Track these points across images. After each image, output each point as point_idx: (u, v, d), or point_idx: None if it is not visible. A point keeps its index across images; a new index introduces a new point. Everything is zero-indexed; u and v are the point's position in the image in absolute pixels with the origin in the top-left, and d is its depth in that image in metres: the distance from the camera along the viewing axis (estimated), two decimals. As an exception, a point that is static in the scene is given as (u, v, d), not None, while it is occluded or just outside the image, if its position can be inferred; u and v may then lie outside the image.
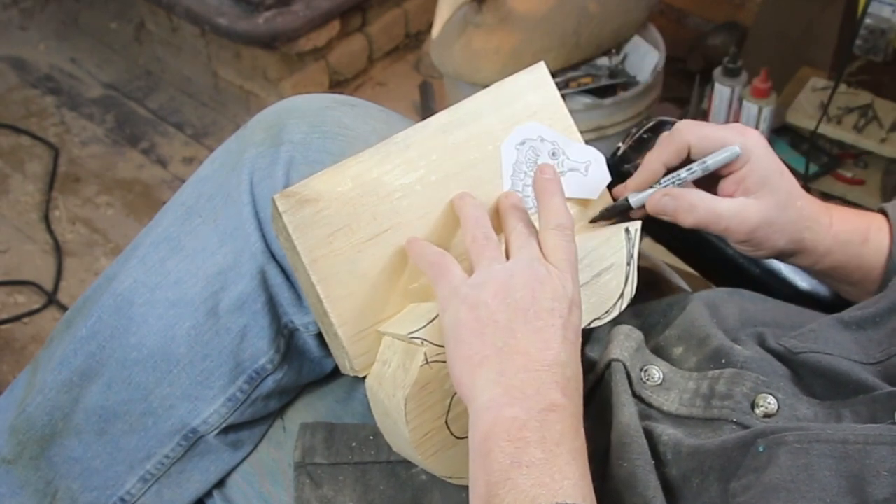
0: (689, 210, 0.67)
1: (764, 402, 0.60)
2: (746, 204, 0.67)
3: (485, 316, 0.56)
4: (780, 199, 0.68)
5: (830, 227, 0.71)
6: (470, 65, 1.64)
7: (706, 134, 0.68)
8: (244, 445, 0.78)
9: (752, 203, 0.67)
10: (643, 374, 0.64)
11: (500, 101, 0.70)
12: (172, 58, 2.07)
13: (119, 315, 0.72)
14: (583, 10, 1.61)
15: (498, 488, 0.51)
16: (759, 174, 0.67)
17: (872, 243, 0.72)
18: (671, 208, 0.68)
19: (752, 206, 0.67)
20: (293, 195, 0.63)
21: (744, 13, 1.97)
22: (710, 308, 0.69)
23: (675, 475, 0.58)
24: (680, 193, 0.68)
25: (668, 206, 0.68)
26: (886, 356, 0.61)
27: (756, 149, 0.67)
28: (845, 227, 0.71)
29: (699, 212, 0.67)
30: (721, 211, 0.67)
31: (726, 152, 0.67)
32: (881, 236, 0.72)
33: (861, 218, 0.73)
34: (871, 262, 0.72)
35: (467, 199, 0.66)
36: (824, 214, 0.71)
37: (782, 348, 0.64)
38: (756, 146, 0.68)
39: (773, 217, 0.68)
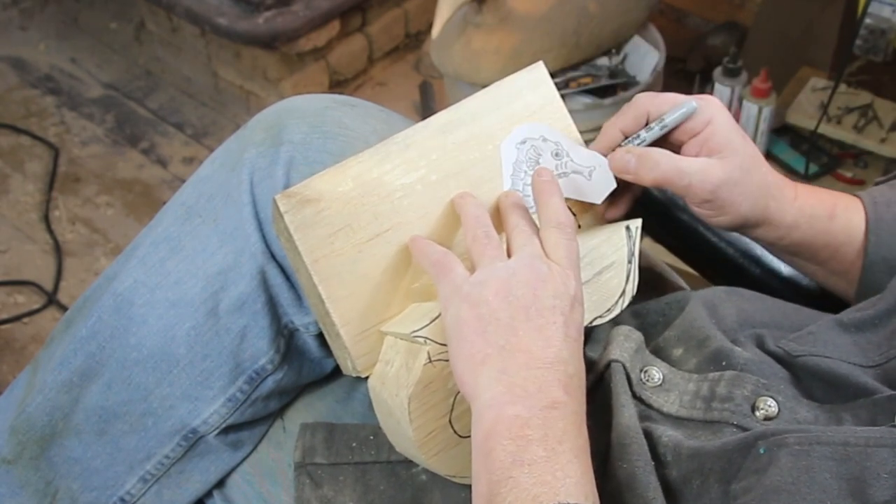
0: (652, 167, 0.67)
1: (764, 405, 0.60)
2: (709, 162, 0.67)
3: (486, 314, 0.57)
4: (744, 161, 0.67)
5: (796, 199, 0.70)
6: (470, 65, 1.64)
7: (664, 100, 0.68)
8: (244, 446, 0.78)
9: (716, 162, 0.67)
10: (643, 375, 0.64)
11: (499, 101, 0.70)
12: (172, 58, 2.07)
13: (119, 315, 0.72)
14: (583, 10, 1.61)
15: (500, 487, 0.51)
16: (722, 135, 0.67)
17: (840, 220, 0.71)
18: (633, 166, 0.67)
19: (716, 164, 0.67)
20: (294, 195, 0.63)
21: (744, 13, 1.97)
22: (708, 308, 0.69)
23: (676, 476, 0.58)
24: (642, 151, 0.68)
25: (630, 163, 0.67)
26: (885, 359, 0.61)
27: (717, 111, 0.68)
28: (810, 200, 0.71)
29: (662, 168, 0.66)
30: (684, 167, 0.67)
31: (683, 108, 0.68)
32: (849, 214, 0.71)
33: (827, 194, 0.72)
34: (839, 239, 0.71)
35: (468, 198, 0.66)
36: (789, 187, 0.71)
37: (781, 351, 0.64)
38: (717, 109, 0.68)
39: (737, 177, 0.67)
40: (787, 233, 0.71)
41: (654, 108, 0.68)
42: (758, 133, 1.63)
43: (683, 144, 0.69)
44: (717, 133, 0.67)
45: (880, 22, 1.57)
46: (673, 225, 0.88)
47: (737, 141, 0.67)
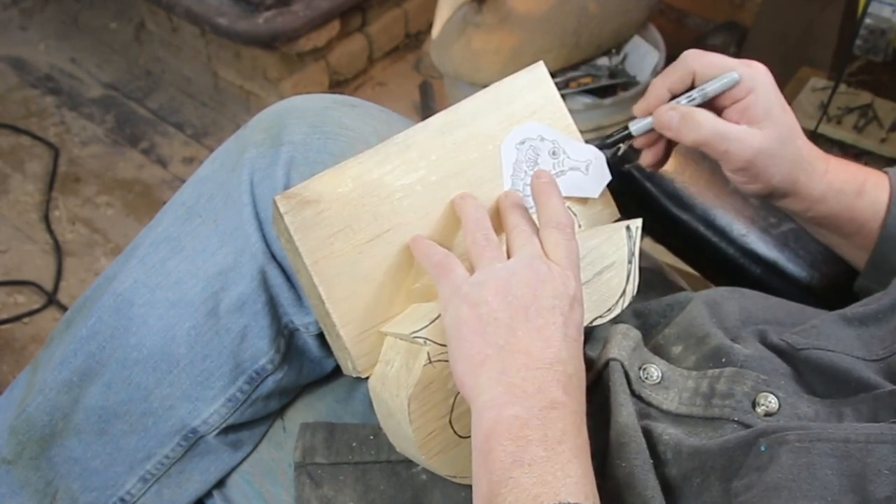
0: (694, 127, 0.68)
1: (765, 401, 0.60)
2: (749, 131, 0.68)
3: (486, 314, 0.57)
4: (783, 132, 0.68)
5: (826, 174, 0.71)
6: (470, 65, 1.64)
7: (711, 62, 0.69)
8: (244, 445, 0.78)
9: (755, 131, 0.68)
10: (642, 372, 0.64)
11: (499, 101, 0.70)
12: (172, 58, 2.07)
13: (119, 315, 0.72)
14: (583, 10, 1.61)
15: (500, 487, 0.51)
16: (762, 105, 0.68)
17: (868, 196, 0.72)
18: (676, 123, 0.68)
19: (756, 134, 0.68)
20: (294, 196, 0.63)
21: (744, 13, 1.97)
22: (710, 307, 0.69)
23: (676, 475, 0.58)
24: (686, 110, 0.68)
25: (674, 120, 0.69)
26: (889, 353, 0.61)
27: (761, 81, 0.68)
28: (840, 176, 0.71)
29: (703, 130, 0.68)
30: (725, 132, 0.68)
31: (725, 78, 0.68)
32: (878, 192, 0.72)
33: (859, 170, 0.73)
34: (865, 215, 0.72)
35: (468, 199, 0.66)
36: (821, 161, 0.71)
37: (784, 344, 0.64)
38: (761, 78, 0.68)
39: (774, 149, 0.68)
40: (813, 205, 0.72)
41: (701, 69, 0.69)
42: (758, 133, 1.62)
43: (725, 109, 0.69)
44: (758, 102, 0.68)
45: (880, 22, 1.57)
46: (673, 225, 0.88)
47: (777, 112, 0.68)
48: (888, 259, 0.72)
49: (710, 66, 0.69)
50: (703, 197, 0.87)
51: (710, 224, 0.87)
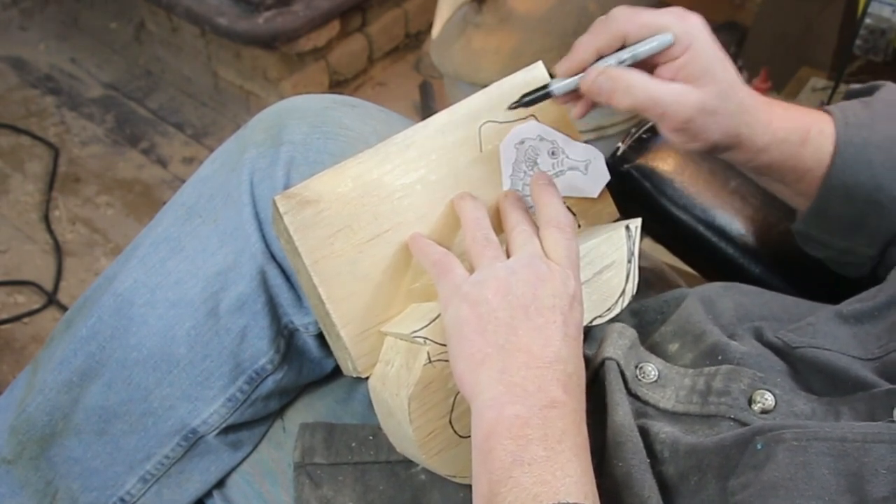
0: (626, 91, 0.64)
1: (761, 399, 0.60)
2: (686, 90, 0.64)
3: (486, 313, 0.57)
4: (721, 88, 0.65)
5: (769, 124, 0.68)
6: (470, 65, 1.64)
7: (643, 22, 0.64)
8: (244, 446, 0.78)
9: (692, 90, 0.64)
10: (638, 371, 0.64)
11: (499, 101, 0.70)
12: (172, 58, 2.07)
13: (119, 315, 0.72)
14: (583, 10, 1.61)
15: (500, 486, 0.51)
16: (699, 62, 0.64)
17: (812, 145, 0.69)
18: (607, 89, 0.64)
19: (692, 93, 0.64)
20: (294, 196, 0.63)
21: (744, 13, 1.97)
22: (705, 304, 0.69)
23: (673, 473, 0.58)
24: (617, 74, 0.64)
25: (604, 86, 0.64)
26: (885, 352, 0.61)
27: (699, 35, 0.64)
28: (784, 125, 0.69)
29: (636, 94, 0.64)
30: (659, 95, 0.64)
31: (657, 40, 0.64)
32: (821, 140, 0.69)
33: (804, 117, 0.70)
34: (808, 164, 0.69)
35: (467, 199, 0.66)
36: (764, 111, 0.68)
37: (780, 342, 0.64)
38: (698, 32, 0.64)
39: (713, 106, 0.65)
40: (755, 156, 0.69)
41: (633, 31, 0.64)
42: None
43: (660, 66, 0.66)
44: (695, 60, 0.64)
45: (880, 22, 1.56)
46: (673, 225, 0.88)
47: (716, 67, 0.65)
48: (829, 209, 0.70)
49: (642, 27, 0.64)
50: (703, 197, 0.87)
51: (710, 224, 0.87)
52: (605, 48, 0.65)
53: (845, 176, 0.69)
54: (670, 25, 0.64)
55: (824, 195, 0.70)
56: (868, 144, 0.69)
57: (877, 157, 0.69)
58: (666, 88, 0.64)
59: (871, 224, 0.70)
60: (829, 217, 0.71)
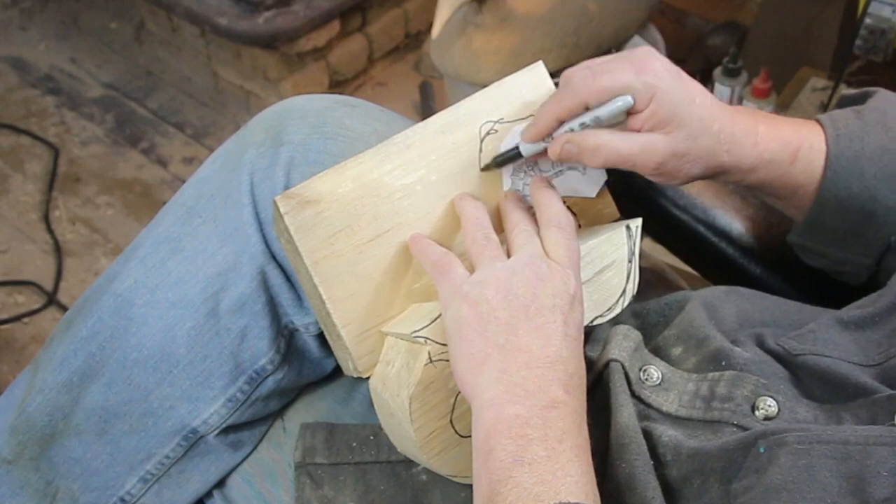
0: (594, 152, 0.65)
1: (764, 405, 0.60)
2: (652, 140, 0.65)
3: (486, 313, 0.57)
4: (692, 129, 0.65)
5: (756, 146, 0.68)
6: (470, 65, 1.64)
7: (601, 87, 0.65)
8: (244, 446, 0.78)
9: (659, 138, 0.65)
10: (642, 374, 0.64)
11: (499, 101, 0.70)
12: (172, 58, 2.07)
13: (119, 315, 0.72)
14: (583, 10, 1.61)
15: (500, 486, 0.51)
16: (664, 110, 0.64)
17: (802, 161, 0.69)
18: (574, 154, 0.66)
19: (659, 141, 0.65)
20: (294, 196, 0.63)
21: (744, 13, 1.97)
22: (707, 308, 0.69)
23: (676, 476, 0.58)
24: (581, 138, 0.65)
25: (572, 151, 0.66)
26: (885, 358, 0.61)
27: (660, 84, 0.64)
28: (771, 145, 0.68)
29: (603, 153, 0.65)
30: (626, 151, 0.65)
31: (618, 102, 0.65)
32: (812, 156, 0.69)
33: (793, 134, 0.70)
34: (799, 180, 0.70)
35: (467, 199, 0.66)
36: (749, 134, 0.68)
37: (781, 349, 0.64)
38: (660, 81, 0.64)
39: (683, 149, 0.65)
40: (744, 177, 0.69)
41: (591, 98, 0.65)
42: (758, 133, 1.62)
43: (627, 118, 0.66)
44: (660, 109, 0.64)
45: (880, 22, 1.56)
46: (673, 225, 0.88)
47: (682, 111, 0.65)
48: (824, 221, 0.70)
49: (601, 93, 0.65)
50: (703, 197, 0.87)
51: (710, 224, 0.86)
52: (566, 115, 0.67)
53: (838, 189, 0.69)
54: (629, 84, 0.64)
55: (818, 208, 0.70)
56: (860, 156, 0.69)
57: (869, 167, 0.69)
58: (631, 142, 0.65)
59: (866, 234, 0.70)
60: (824, 229, 0.71)
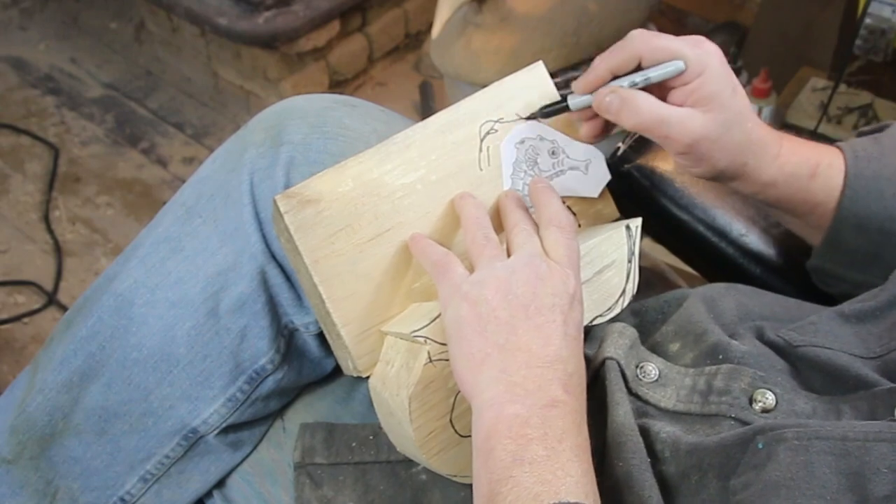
0: (634, 111, 0.65)
1: (762, 397, 0.60)
2: (692, 115, 0.66)
3: (486, 312, 0.57)
4: (729, 117, 0.66)
5: (777, 158, 0.69)
6: (470, 65, 1.64)
7: (659, 45, 0.66)
8: (244, 446, 0.78)
9: (698, 115, 0.66)
10: (639, 371, 0.64)
11: (499, 101, 0.70)
12: (172, 58, 2.07)
13: (119, 315, 0.72)
14: (583, 10, 1.61)
15: (500, 486, 0.51)
16: (710, 88, 0.65)
17: (821, 178, 0.70)
18: (616, 107, 0.66)
19: (698, 117, 0.65)
20: (294, 196, 0.63)
21: (744, 13, 1.97)
22: (707, 303, 0.69)
23: (674, 472, 0.58)
24: (627, 94, 0.66)
25: (614, 104, 0.66)
26: (886, 350, 0.61)
27: (711, 62, 0.65)
28: (793, 159, 0.70)
29: (643, 114, 0.65)
30: (665, 117, 0.65)
31: (670, 66, 0.65)
32: (831, 173, 0.70)
33: (812, 151, 0.71)
34: (818, 197, 0.70)
35: (467, 199, 0.66)
36: (773, 144, 0.69)
37: (781, 340, 0.64)
38: (712, 60, 0.65)
39: (718, 133, 0.66)
40: (762, 189, 0.70)
41: (648, 54, 0.66)
42: (758, 133, 1.62)
43: (672, 90, 0.67)
44: (706, 85, 0.65)
45: (880, 22, 1.56)
46: (673, 225, 0.88)
47: (725, 95, 0.66)
48: (843, 241, 0.71)
49: (656, 51, 0.65)
50: (703, 197, 0.87)
51: (710, 224, 0.86)
52: (620, 69, 0.67)
53: (857, 207, 0.69)
54: (684, 51, 0.65)
55: (836, 227, 0.70)
56: (879, 177, 0.70)
57: (888, 188, 0.69)
58: (672, 111, 0.65)
59: (885, 256, 0.70)
60: (843, 250, 0.71)
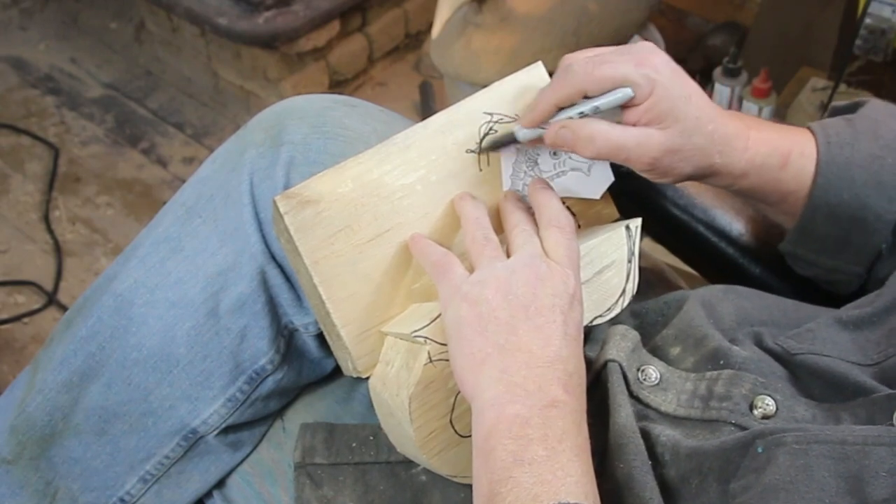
0: (589, 142, 0.65)
1: (762, 404, 0.60)
2: (648, 134, 0.65)
3: (486, 313, 0.57)
4: (687, 126, 0.65)
5: (746, 151, 0.68)
6: (470, 65, 1.64)
7: (602, 75, 0.64)
8: (244, 446, 0.78)
9: (655, 133, 0.65)
10: (640, 374, 0.64)
11: (499, 101, 0.70)
12: (172, 58, 2.07)
13: (119, 315, 0.72)
14: (583, 10, 1.61)
15: (500, 486, 0.51)
16: (662, 105, 0.64)
17: (792, 169, 0.69)
18: (570, 140, 0.65)
19: (655, 135, 0.65)
20: (294, 196, 0.63)
21: (744, 13, 1.97)
22: (706, 307, 0.69)
23: (674, 476, 0.58)
24: (578, 125, 0.65)
25: (567, 138, 0.65)
26: (884, 357, 0.61)
27: (660, 78, 0.64)
28: (762, 149, 0.69)
29: (598, 143, 0.65)
30: (621, 142, 0.65)
31: (618, 94, 0.64)
32: (803, 161, 0.69)
33: (784, 140, 0.70)
34: (790, 186, 0.70)
35: (467, 199, 0.66)
36: (740, 137, 0.68)
37: (780, 349, 0.64)
38: (659, 76, 0.64)
39: (678, 145, 0.65)
40: (735, 181, 0.70)
41: (592, 86, 0.65)
42: (758, 133, 1.62)
43: (625, 110, 0.66)
44: (658, 104, 0.64)
45: (880, 22, 1.56)
46: (673, 225, 0.88)
47: (679, 107, 0.65)
48: (815, 228, 0.71)
49: (600, 81, 0.64)
50: (703, 197, 0.87)
51: (710, 224, 0.86)
52: (565, 102, 0.66)
53: (828, 196, 0.69)
54: (629, 77, 0.64)
55: (808, 215, 0.70)
56: (851, 164, 0.69)
57: (860, 175, 0.69)
58: (627, 135, 0.65)
59: (857, 242, 0.70)
60: (815, 237, 0.71)
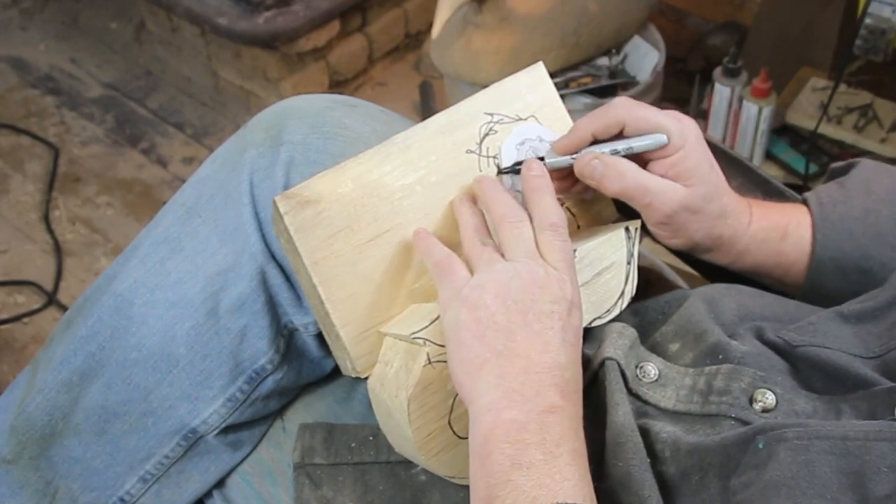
0: (617, 177, 0.66)
1: (762, 397, 0.60)
2: (673, 186, 0.67)
3: (485, 318, 0.57)
4: (708, 191, 0.68)
5: (749, 226, 0.71)
6: (470, 65, 1.64)
7: (642, 115, 0.67)
8: (244, 446, 0.78)
9: (679, 188, 0.67)
10: (638, 371, 0.64)
11: (499, 101, 0.70)
12: (172, 58, 2.07)
13: (119, 315, 0.72)
14: (583, 10, 1.61)
15: (498, 490, 0.51)
16: (690, 162, 0.67)
17: (792, 237, 0.72)
18: (599, 172, 0.67)
19: (679, 190, 0.67)
20: (294, 196, 0.63)
21: (744, 13, 1.97)
22: (707, 303, 0.69)
23: (674, 473, 0.58)
24: (611, 160, 0.67)
25: (597, 170, 0.67)
26: (886, 350, 0.61)
27: (691, 138, 0.67)
28: (763, 224, 0.71)
29: (627, 181, 0.66)
30: (649, 185, 0.66)
31: (653, 139, 0.66)
32: (801, 231, 0.72)
33: (781, 214, 0.73)
34: (791, 257, 0.72)
35: (465, 203, 0.66)
36: (745, 213, 0.71)
37: (781, 341, 0.64)
38: (691, 135, 0.67)
39: (697, 206, 0.67)
40: (738, 258, 0.72)
41: (631, 122, 0.67)
42: (758, 133, 1.63)
43: (652, 162, 0.68)
44: (687, 159, 0.67)
45: (880, 22, 1.56)
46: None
47: (704, 171, 0.67)
48: (823, 285, 0.72)
49: (639, 120, 0.66)
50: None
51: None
52: (601, 134, 0.68)
53: (830, 251, 0.70)
54: (667, 125, 0.66)
55: (816, 271, 0.71)
56: (846, 218, 0.71)
57: (856, 228, 0.71)
58: (655, 180, 0.67)
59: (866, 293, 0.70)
60: (825, 294, 0.72)
